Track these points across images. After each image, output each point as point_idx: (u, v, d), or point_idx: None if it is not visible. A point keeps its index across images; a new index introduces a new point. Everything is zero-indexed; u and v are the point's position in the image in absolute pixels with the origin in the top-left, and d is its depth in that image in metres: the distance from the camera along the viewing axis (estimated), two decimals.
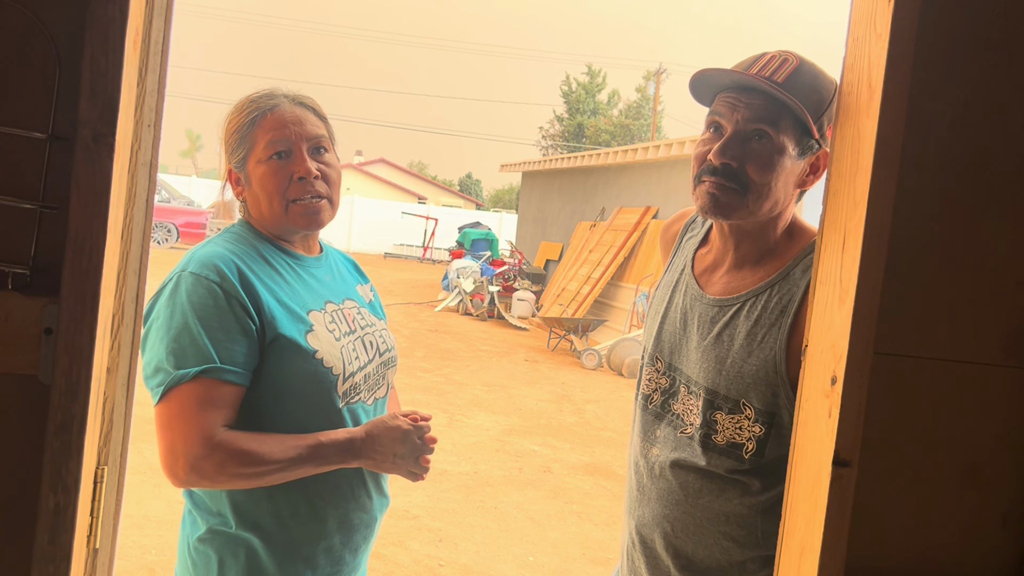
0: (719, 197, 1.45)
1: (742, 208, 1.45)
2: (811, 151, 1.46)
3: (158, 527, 4.30)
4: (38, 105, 0.97)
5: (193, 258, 1.53)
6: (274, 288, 1.56)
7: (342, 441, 1.55)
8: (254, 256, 1.58)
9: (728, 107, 1.45)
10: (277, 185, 1.59)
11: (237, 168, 1.65)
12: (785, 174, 1.45)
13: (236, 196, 1.67)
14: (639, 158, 13.83)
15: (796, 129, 1.43)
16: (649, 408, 1.62)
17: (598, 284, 13.24)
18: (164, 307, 1.48)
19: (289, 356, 1.52)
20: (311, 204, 1.60)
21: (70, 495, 0.95)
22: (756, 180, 1.43)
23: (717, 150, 1.44)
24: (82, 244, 0.95)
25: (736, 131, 1.44)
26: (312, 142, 1.63)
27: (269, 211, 1.61)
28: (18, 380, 0.96)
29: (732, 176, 1.43)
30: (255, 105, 1.63)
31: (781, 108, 1.41)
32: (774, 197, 1.45)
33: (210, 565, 1.55)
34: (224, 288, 1.47)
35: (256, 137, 1.61)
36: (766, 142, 1.43)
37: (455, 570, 4.23)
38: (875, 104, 1.06)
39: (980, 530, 1.18)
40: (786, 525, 1.16)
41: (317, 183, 1.61)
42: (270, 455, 1.46)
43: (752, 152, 1.43)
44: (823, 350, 1.12)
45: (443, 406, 7.71)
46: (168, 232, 20.59)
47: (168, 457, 1.44)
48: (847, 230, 1.09)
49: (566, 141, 50.07)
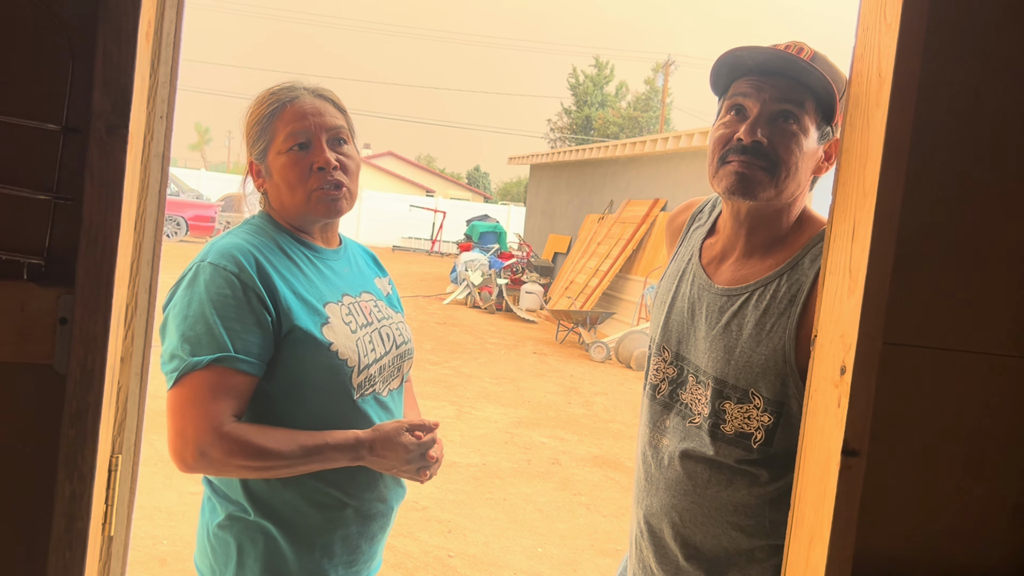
0: (748, 175, 1.45)
1: (770, 187, 1.46)
2: (827, 138, 1.49)
3: (170, 518, 4.33)
4: (52, 97, 0.98)
5: (213, 248, 1.54)
6: (291, 280, 1.57)
7: (348, 444, 1.56)
8: (272, 248, 1.59)
9: (753, 87, 1.47)
10: (298, 175, 1.60)
11: (258, 160, 1.66)
12: (807, 157, 1.47)
13: (257, 188, 1.68)
14: (647, 150, 13.80)
15: (817, 113, 1.46)
16: (657, 398, 1.63)
17: (606, 277, 13.23)
18: (182, 296, 1.50)
19: (304, 348, 1.53)
20: (330, 193, 1.61)
21: (85, 483, 0.96)
22: (785, 158, 1.44)
23: (747, 128, 1.45)
24: (96, 235, 0.96)
25: (763, 111, 1.45)
26: (331, 133, 1.64)
27: (290, 201, 1.63)
28: (34, 369, 0.97)
29: (762, 154, 1.44)
30: (275, 97, 1.64)
31: (805, 90, 1.44)
32: (798, 179, 1.47)
33: (229, 551, 1.57)
34: (242, 279, 1.49)
35: (276, 129, 1.62)
36: (793, 122, 1.45)
37: (464, 561, 4.24)
38: (885, 94, 1.06)
39: (990, 520, 1.18)
40: (795, 514, 1.16)
41: (336, 173, 1.62)
42: (277, 451, 1.48)
43: (780, 130, 1.45)
44: (832, 340, 1.12)
45: (452, 398, 7.73)
46: (177, 225, 20.64)
47: (177, 442, 1.45)
48: (856, 220, 1.09)
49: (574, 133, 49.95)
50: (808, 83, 1.43)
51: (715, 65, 1.50)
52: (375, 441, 1.59)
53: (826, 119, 1.46)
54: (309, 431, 1.53)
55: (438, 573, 4.06)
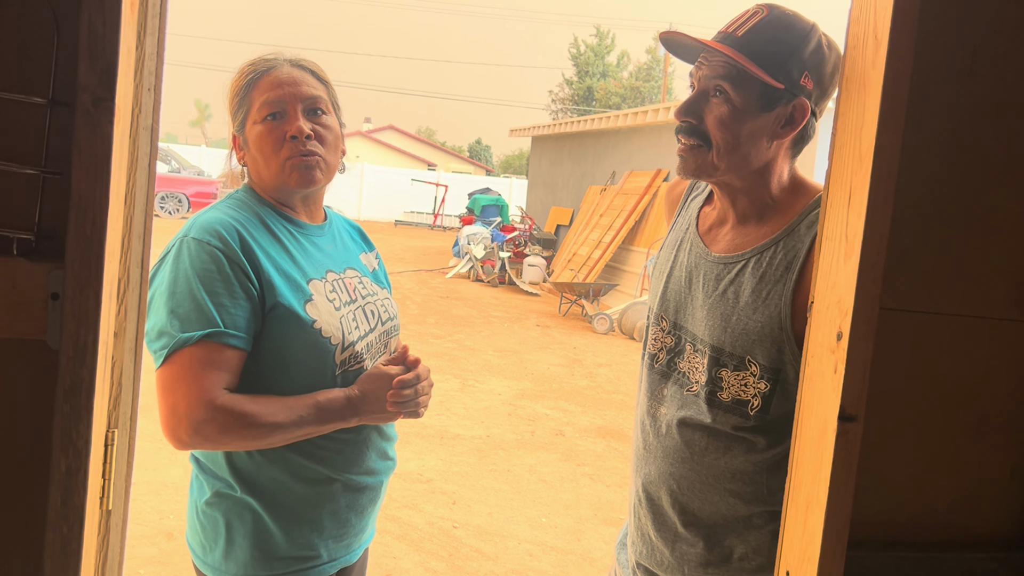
0: (686, 158, 1.49)
1: (709, 165, 1.47)
2: (781, 102, 1.44)
3: (175, 492, 4.36)
4: (38, 70, 0.97)
5: (195, 224, 1.53)
6: (275, 256, 1.56)
7: (340, 399, 1.57)
8: (255, 223, 1.58)
9: (696, 66, 1.49)
10: (271, 145, 1.59)
11: (238, 132, 1.65)
12: (749, 127, 1.44)
13: (239, 161, 1.67)
14: (649, 120, 13.73)
15: (760, 82, 1.42)
16: (655, 367, 1.63)
17: (609, 248, 13.21)
18: (168, 273, 1.48)
19: (288, 325, 1.52)
20: (303, 160, 1.59)
21: (81, 458, 0.96)
22: (715, 134, 1.45)
23: (678, 108, 1.49)
24: (85, 209, 0.95)
25: (699, 89, 1.48)
26: (308, 103, 1.62)
27: (266, 172, 1.62)
28: (27, 345, 0.97)
29: (695, 133, 1.47)
30: (252, 68, 1.63)
31: (740, 63, 1.42)
32: (742, 152, 1.45)
33: (218, 528, 1.58)
34: (226, 253, 1.48)
35: (253, 99, 1.61)
36: (724, 97, 1.44)
37: (469, 531, 4.27)
38: (881, 56, 1.04)
39: (989, 483, 1.18)
40: (792, 480, 1.17)
41: (309, 143, 1.60)
42: (272, 417, 1.48)
43: (711, 108, 1.46)
44: (828, 306, 1.11)
45: (455, 371, 7.75)
46: (179, 202, 20.61)
47: (171, 420, 1.45)
48: (853, 185, 1.08)
49: (576, 104, 49.68)
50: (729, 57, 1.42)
51: (664, 46, 1.54)
52: (362, 388, 1.60)
53: (784, 82, 1.41)
54: (299, 395, 1.53)
55: (443, 544, 4.10)
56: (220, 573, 1.58)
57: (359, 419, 1.60)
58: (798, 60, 1.42)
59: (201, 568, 1.62)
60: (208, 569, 1.60)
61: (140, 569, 3.57)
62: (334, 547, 1.64)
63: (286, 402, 1.51)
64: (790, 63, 1.41)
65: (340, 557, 1.66)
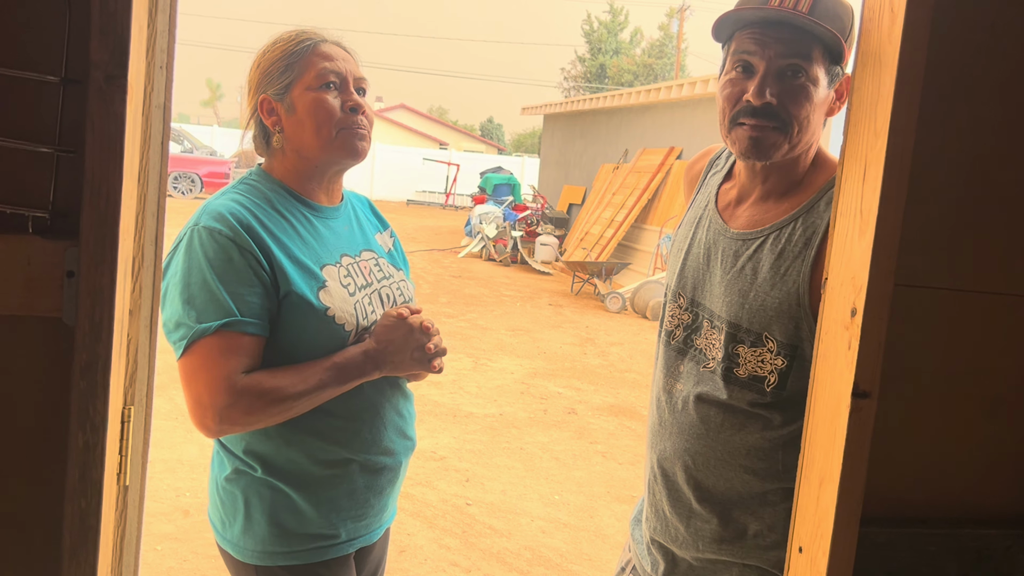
0: (760, 138, 1.44)
1: (784, 145, 1.45)
2: (838, 78, 1.46)
3: (191, 470, 4.40)
4: (50, 49, 0.97)
5: (205, 211, 1.52)
6: (287, 243, 1.55)
7: (357, 355, 1.57)
8: (266, 209, 1.57)
9: (758, 44, 1.43)
10: (329, 112, 1.59)
11: (277, 97, 1.62)
12: (818, 106, 1.45)
13: (270, 127, 1.63)
14: (662, 98, 13.63)
15: (825, 59, 1.42)
16: (672, 344, 1.63)
17: (622, 227, 13.17)
18: (181, 263, 1.49)
19: (300, 313, 1.53)
20: (358, 132, 1.62)
21: (98, 433, 0.97)
22: (796, 114, 1.42)
23: (755, 90, 1.42)
24: (99, 187, 0.95)
25: (770, 68, 1.42)
26: (357, 83, 1.66)
27: (315, 138, 1.60)
28: (43, 322, 0.98)
29: (773, 115, 1.42)
30: (305, 35, 1.64)
31: (811, 39, 1.40)
32: (812, 130, 1.46)
33: (237, 504, 1.59)
34: (237, 242, 1.48)
35: (308, 64, 1.60)
36: (802, 76, 1.42)
37: (482, 508, 4.30)
38: (897, 30, 1.03)
39: (1003, 462, 1.18)
40: (805, 456, 1.17)
41: (362, 118, 1.63)
42: (293, 388, 1.49)
43: (790, 88, 1.42)
44: (843, 282, 1.11)
45: (468, 350, 7.77)
46: (192, 182, 20.66)
47: (197, 410, 1.46)
48: (868, 160, 1.07)
49: (588, 82, 49.37)
50: (813, 31, 1.39)
51: (716, 25, 1.48)
52: (378, 337, 1.61)
53: (835, 61, 1.43)
54: (315, 361, 1.54)
55: (457, 521, 4.13)
56: (239, 548, 1.59)
57: (380, 371, 1.60)
58: (852, 34, 1.43)
59: (221, 543, 1.64)
60: (228, 544, 1.62)
61: (157, 545, 3.61)
62: (352, 527, 1.65)
63: (304, 369, 1.52)
64: (849, 38, 1.43)
65: (359, 537, 1.67)
